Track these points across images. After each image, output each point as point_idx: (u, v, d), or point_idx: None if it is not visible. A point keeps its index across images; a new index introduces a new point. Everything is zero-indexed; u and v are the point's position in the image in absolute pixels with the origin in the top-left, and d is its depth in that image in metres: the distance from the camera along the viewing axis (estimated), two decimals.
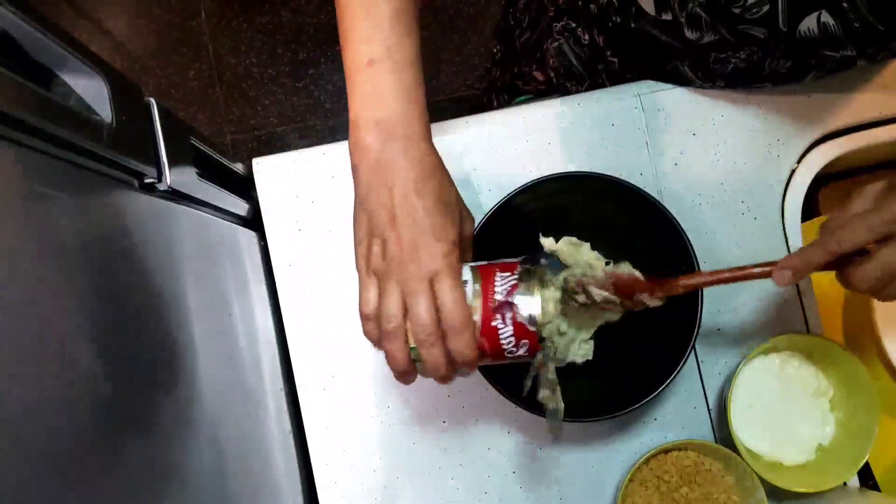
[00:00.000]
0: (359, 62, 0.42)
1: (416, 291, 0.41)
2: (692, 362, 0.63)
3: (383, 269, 0.42)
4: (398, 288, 0.41)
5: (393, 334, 0.41)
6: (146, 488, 0.38)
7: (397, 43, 0.42)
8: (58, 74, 0.41)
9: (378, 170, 0.42)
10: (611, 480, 0.62)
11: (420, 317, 0.40)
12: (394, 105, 0.42)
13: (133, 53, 1.58)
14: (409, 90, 0.42)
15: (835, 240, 0.42)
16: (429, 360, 0.41)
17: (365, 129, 0.42)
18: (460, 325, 0.40)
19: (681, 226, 0.55)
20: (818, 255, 0.43)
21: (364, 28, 0.42)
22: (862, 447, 0.57)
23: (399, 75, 0.42)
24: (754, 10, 0.49)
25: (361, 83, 0.42)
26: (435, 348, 0.41)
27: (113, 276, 0.39)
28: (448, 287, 0.41)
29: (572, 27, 0.68)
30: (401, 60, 0.42)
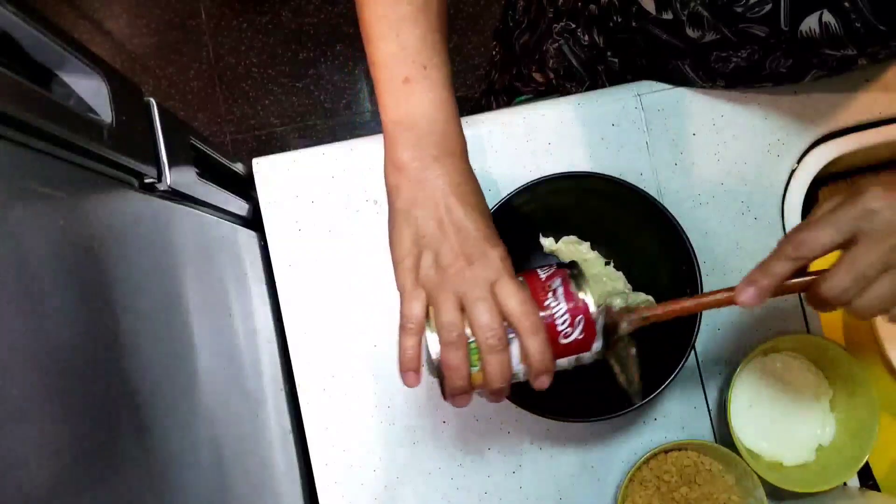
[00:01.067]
0: (394, 81, 0.42)
1: (479, 298, 0.40)
2: (692, 362, 0.63)
3: (437, 281, 0.41)
4: (455, 298, 0.40)
5: (455, 344, 0.40)
6: (146, 488, 0.38)
7: (430, 62, 0.42)
8: (58, 74, 0.41)
9: (420, 185, 0.42)
10: (611, 480, 0.62)
11: (487, 321, 0.40)
12: (431, 123, 0.42)
13: (133, 53, 1.58)
14: (447, 107, 0.43)
15: (794, 243, 0.40)
16: (494, 368, 0.40)
17: (403, 147, 0.42)
18: (532, 325, 0.40)
19: (681, 226, 0.55)
20: (780, 265, 0.40)
21: (395, 48, 0.42)
22: (862, 447, 0.57)
23: (436, 92, 0.42)
24: (756, 9, 0.49)
25: (396, 102, 0.43)
26: (504, 354, 0.40)
27: (113, 276, 0.39)
28: (513, 291, 0.40)
29: (572, 28, 0.68)
30: (436, 79, 0.43)
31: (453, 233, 0.41)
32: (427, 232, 0.41)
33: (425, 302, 0.41)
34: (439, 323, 0.41)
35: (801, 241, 0.40)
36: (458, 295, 0.40)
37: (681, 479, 0.59)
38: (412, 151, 0.42)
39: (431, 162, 0.42)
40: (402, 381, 0.42)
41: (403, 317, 0.42)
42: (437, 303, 0.41)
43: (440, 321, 0.40)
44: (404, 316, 0.42)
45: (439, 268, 0.41)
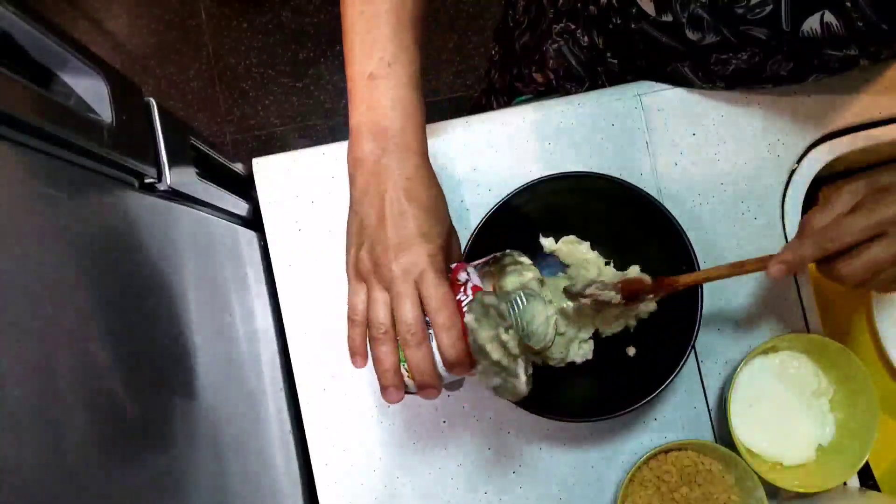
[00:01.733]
0: (360, 75, 0.44)
1: (401, 293, 0.41)
2: (692, 362, 0.63)
3: (370, 272, 0.43)
4: (385, 292, 0.42)
5: (381, 340, 0.42)
6: (146, 488, 0.38)
7: (396, 59, 0.44)
8: (58, 74, 0.41)
9: (372, 177, 0.43)
10: (611, 480, 0.62)
11: (405, 316, 0.41)
12: (391, 118, 0.43)
13: (133, 53, 1.58)
14: (406, 104, 0.44)
15: (828, 238, 0.44)
16: (414, 362, 0.41)
17: (363, 139, 0.44)
18: (446, 320, 0.40)
19: (681, 226, 0.55)
20: (811, 252, 0.45)
21: (365, 43, 0.44)
22: (862, 447, 0.57)
23: (397, 90, 0.44)
24: (757, 11, 0.49)
25: (361, 96, 0.44)
26: (421, 349, 0.41)
27: (113, 276, 0.39)
28: (433, 284, 0.41)
29: (572, 29, 0.68)
30: (399, 76, 0.44)
31: (390, 225, 0.42)
32: (368, 224, 0.43)
33: (365, 292, 0.43)
34: (369, 319, 0.42)
35: (832, 237, 0.44)
36: (386, 287, 0.42)
37: (681, 479, 0.59)
38: (370, 145, 0.43)
39: (386, 155, 0.43)
40: (352, 365, 0.44)
41: (348, 308, 0.44)
42: (369, 297, 0.43)
43: (370, 318, 0.42)
44: (349, 307, 0.44)
45: (372, 261, 0.42)
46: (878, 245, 0.42)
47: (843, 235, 0.43)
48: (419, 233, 0.42)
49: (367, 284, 0.43)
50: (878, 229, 0.42)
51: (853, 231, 0.43)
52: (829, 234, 0.44)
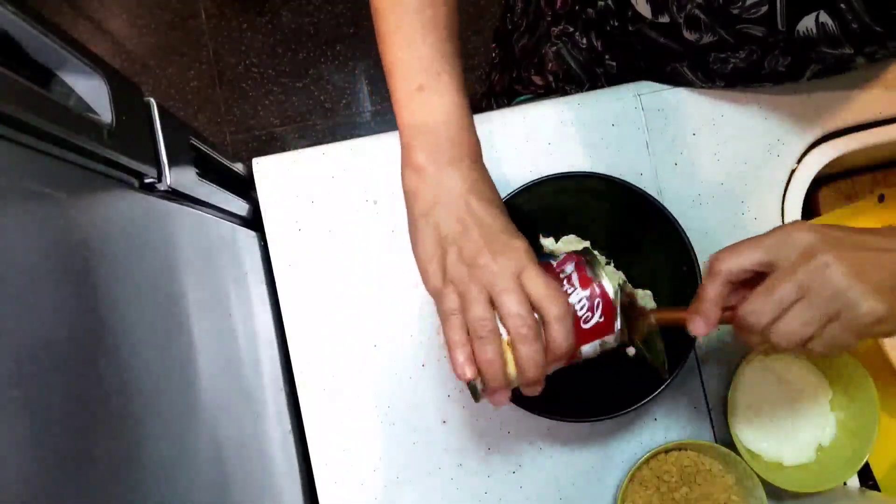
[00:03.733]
0: (408, 89, 0.44)
1: (507, 289, 0.40)
2: (692, 362, 0.63)
3: (464, 276, 0.41)
4: (484, 292, 0.41)
5: (488, 339, 0.40)
6: (146, 488, 0.38)
7: (444, 70, 0.44)
8: (58, 74, 0.41)
9: (438, 187, 0.43)
10: (611, 480, 0.62)
11: (517, 311, 0.40)
12: (446, 129, 0.44)
13: (133, 53, 1.58)
14: (458, 113, 0.44)
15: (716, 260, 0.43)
16: (528, 358, 0.40)
17: (419, 152, 0.43)
18: (560, 311, 0.40)
19: (681, 226, 0.55)
20: (711, 287, 0.43)
21: (409, 57, 0.44)
22: (862, 447, 0.57)
23: (449, 100, 0.44)
24: (753, 11, 0.49)
25: (412, 108, 0.44)
26: (536, 343, 0.40)
27: (113, 277, 0.39)
28: (540, 279, 0.40)
29: (570, 31, 0.68)
30: (449, 85, 0.44)
31: (475, 228, 0.42)
32: (449, 231, 0.42)
33: (458, 297, 0.42)
34: (469, 319, 0.41)
35: (721, 258, 0.43)
36: (486, 288, 0.41)
37: (681, 479, 0.59)
38: (428, 155, 0.43)
39: (447, 164, 0.43)
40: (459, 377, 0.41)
41: (443, 313, 0.42)
42: (466, 298, 0.41)
43: (470, 317, 0.41)
44: (443, 311, 0.42)
45: (465, 263, 0.41)
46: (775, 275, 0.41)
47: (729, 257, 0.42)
48: (506, 230, 0.42)
49: (462, 289, 0.41)
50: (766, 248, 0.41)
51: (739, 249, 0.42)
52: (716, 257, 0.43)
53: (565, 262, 0.44)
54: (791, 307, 0.40)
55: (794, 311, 0.40)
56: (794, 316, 0.40)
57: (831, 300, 0.39)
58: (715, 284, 0.43)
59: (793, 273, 0.40)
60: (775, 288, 0.40)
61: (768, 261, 0.41)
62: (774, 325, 0.41)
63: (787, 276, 0.40)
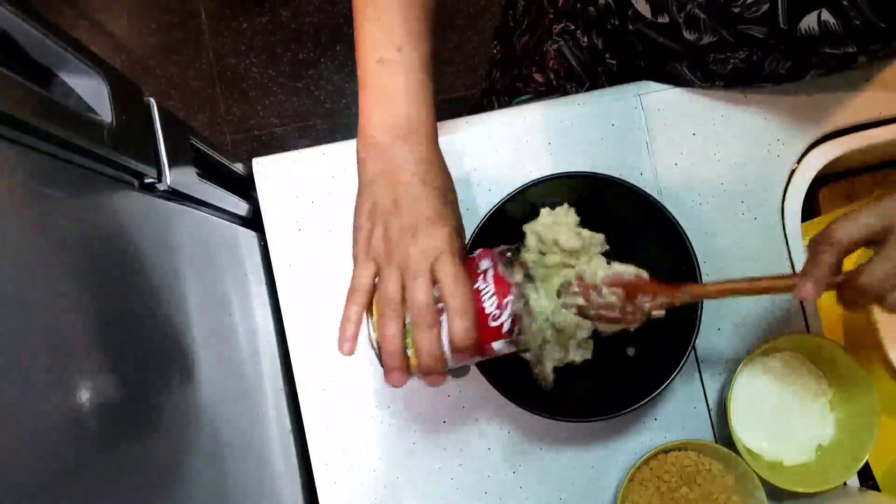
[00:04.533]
0: (369, 61, 0.44)
1: (416, 273, 0.41)
2: (692, 362, 0.63)
3: (384, 253, 0.42)
4: (398, 272, 0.41)
5: (390, 318, 0.41)
6: (146, 488, 0.38)
7: (406, 45, 0.44)
8: (58, 74, 0.41)
9: (385, 161, 0.43)
10: (611, 480, 0.62)
11: (417, 296, 0.40)
12: (402, 103, 0.43)
13: (133, 53, 1.58)
14: (416, 90, 0.44)
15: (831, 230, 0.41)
16: (422, 345, 0.41)
17: (374, 125, 0.44)
18: (460, 305, 0.40)
19: (681, 226, 0.55)
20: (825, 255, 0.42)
21: (376, 29, 0.44)
22: (862, 447, 0.57)
23: (407, 75, 0.44)
24: (754, 9, 0.49)
25: (372, 80, 0.44)
26: (431, 331, 0.40)
27: (113, 276, 0.39)
28: (449, 269, 0.41)
29: (571, 29, 0.68)
30: (409, 61, 0.44)
31: (406, 207, 0.42)
32: (382, 206, 0.42)
33: (374, 273, 0.42)
34: (380, 295, 0.41)
35: (836, 228, 0.41)
36: (401, 269, 0.41)
37: (681, 479, 0.59)
38: (381, 129, 0.43)
39: (397, 139, 0.43)
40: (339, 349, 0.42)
41: (351, 285, 0.43)
42: (381, 276, 0.42)
43: (380, 294, 0.41)
44: (353, 283, 0.42)
45: (387, 241, 0.42)
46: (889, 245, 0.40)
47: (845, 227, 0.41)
48: (436, 214, 0.42)
49: (379, 265, 0.42)
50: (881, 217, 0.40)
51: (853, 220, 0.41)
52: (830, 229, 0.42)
53: (482, 257, 0.45)
54: None
55: None
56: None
57: None
58: (829, 253, 0.42)
59: None
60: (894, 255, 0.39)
61: (883, 227, 0.40)
62: (890, 292, 0.40)
63: None
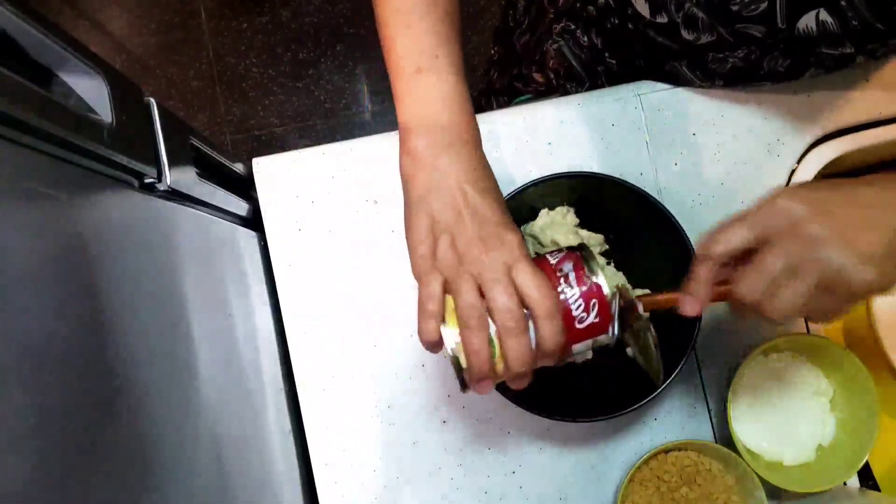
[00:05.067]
0: (406, 71, 0.43)
1: (497, 280, 0.39)
2: (692, 362, 0.63)
3: (454, 265, 0.40)
4: (473, 280, 0.40)
5: (476, 327, 0.39)
6: (146, 488, 0.38)
7: (440, 52, 0.43)
8: (58, 74, 0.41)
9: (434, 172, 0.42)
10: (611, 480, 0.62)
11: (505, 304, 0.39)
12: (444, 112, 0.43)
13: (133, 53, 1.58)
14: (456, 96, 0.43)
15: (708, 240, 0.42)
16: (515, 351, 0.39)
17: (417, 136, 0.43)
18: (549, 309, 0.39)
19: (681, 226, 0.55)
20: (703, 268, 0.42)
21: (406, 39, 0.43)
22: (862, 447, 0.57)
23: (447, 82, 0.43)
24: (752, 8, 0.49)
25: (409, 91, 0.43)
26: (523, 337, 0.39)
27: (113, 276, 0.39)
28: (531, 274, 0.40)
29: (572, 29, 0.68)
30: (446, 68, 0.43)
31: (469, 218, 0.41)
32: (443, 218, 0.41)
33: (443, 284, 0.41)
34: (459, 305, 0.40)
35: (711, 241, 0.42)
36: (476, 278, 0.40)
37: (681, 479, 0.59)
38: (426, 140, 0.42)
39: (444, 149, 0.42)
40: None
41: (422, 300, 0.41)
42: (455, 286, 0.40)
43: (460, 304, 0.40)
44: (422, 299, 0.41)
45: (456, 252, 0.41)
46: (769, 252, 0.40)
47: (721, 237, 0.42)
48: (500, 222, 0.41)
49: (450, 276, 0.41)
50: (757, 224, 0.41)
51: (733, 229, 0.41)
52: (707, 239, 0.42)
53: (564, 260, 0.44)
54: (783, 282, 0.40)
55: (786, 286, 0.40)
56: (787, 290, 0.40)
57: (822, 273, 0.39)
58: (706, 266, 0.42)
59: (782, 248, 0.40)
60: (766, 264, 0.40)
61: (756, 236, 0.41)
62: (768, 301, 0.40)
63: (778, 252, 0.40)
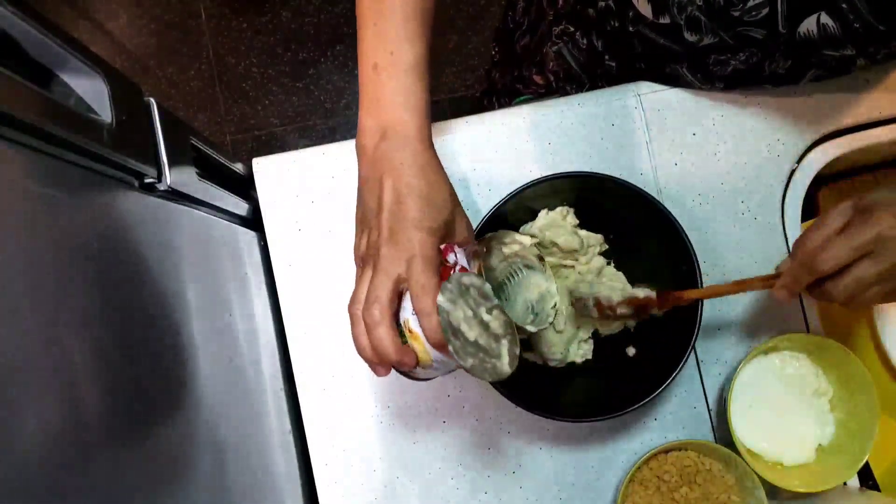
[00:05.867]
0: (367, 66, 0.45)
1: (381, 270, 0.41)
2: (692, 362, 0.63)
3: (366, 258, 0.43)
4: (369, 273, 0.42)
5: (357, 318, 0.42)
6: (147, 488, 0.38)
7: (399, 49, 0.44)
8: (58, 74, 0.41)
9: (373, 166, 0.44)
10: (611, 480, 0.62)
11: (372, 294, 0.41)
12: (391, 108, 0.44)
13: (133, 53, 1.58)
14: (407, 93, 0.44)
15: (820, 261, 0.46)
16: (373, 342, 0.41)
17: (366, 128, 0.45)
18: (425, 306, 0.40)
19: (681, 226, 0.55)
20: (805, 277, 0.47)
21: (373, 35, 0.45)
22: (862, 447, 0.57)
23: (399, 80, 0.44)
24: (753, 13, 0.49)
25: (367, 86, 0.45)
26: (377, 330, 0.41)
27: (113, 276, 0.39)
28: (417, 270, 0.41)
29: (571, 31, 0.68)
30: (401, 66, 0.44)
31: (386, 214, 0.42)
32: (369, 211, 0.44)
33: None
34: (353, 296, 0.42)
35: (822, 261, 0.45)
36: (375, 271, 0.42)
37: (681, 479, 0.59)
38: (371, 134, 0.44)
39: (385, 144, 0.44)
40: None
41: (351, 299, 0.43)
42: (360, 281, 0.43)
43: (354, 294, 0.42)
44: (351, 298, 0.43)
45: (369, 246, 0.43)
46: (863, 264, 0.44)
47: (831, 259, 0.45)
48: (413, 220, 0.42)
49: (364, 270, 0.43)
50: (864, 249, 0.44)
51: (840, 255, 0.45)
52: (820, 257, 0.45)
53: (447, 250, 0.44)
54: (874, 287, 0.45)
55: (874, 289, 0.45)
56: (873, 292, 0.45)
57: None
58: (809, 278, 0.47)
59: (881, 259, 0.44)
60: (866, 275, 0.44)
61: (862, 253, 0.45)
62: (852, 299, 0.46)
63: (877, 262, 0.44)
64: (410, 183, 0.43)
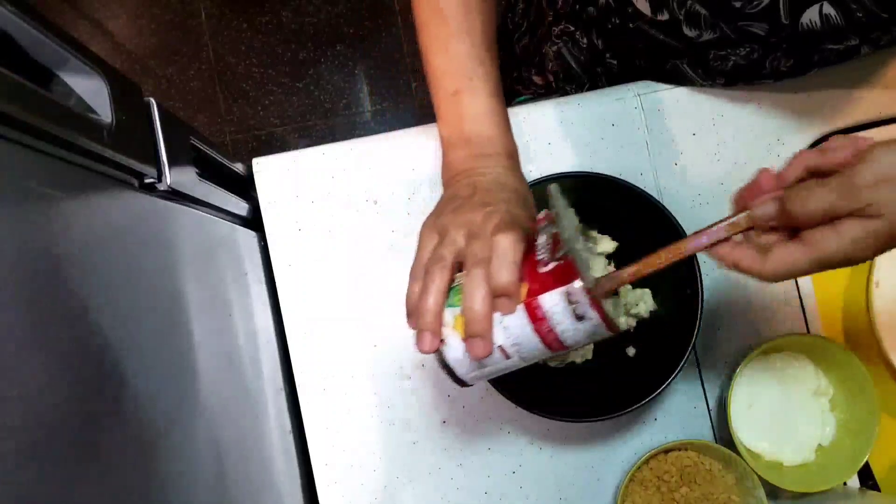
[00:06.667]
0: (445, 93, 0.47)
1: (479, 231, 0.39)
2: (692, 362, 0.63)
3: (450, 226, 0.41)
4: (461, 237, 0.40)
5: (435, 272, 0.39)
6: (147, 489, 0.38)
7: (475, 73, 0.47)
8: (58, 74, 0.41)
9: (464, 175, 0.46)
10: (611, 480, 0.62)
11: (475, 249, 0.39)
12: (477, 128, 0.47)
13: (133, 53, 1.58)
14: (490, 113, 0.47)
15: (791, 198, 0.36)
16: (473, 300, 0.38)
17: (455, 150, 0.47)
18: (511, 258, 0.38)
19: (681, 226, 0.55)
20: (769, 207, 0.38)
21: (446, 62, 0.48)
22: (862, 447, 0.57)
23: (481, 102, 0.47)
24: (755, 3, 0.48)
25: (448, 110, 0.48)
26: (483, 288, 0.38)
27: (113, 276, 0.39)
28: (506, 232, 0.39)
29: (571, 31, 0.68)
30: (481, 89, 0.47)
31: (481, 195, 0.43)
32: (460, 196, 0.44)
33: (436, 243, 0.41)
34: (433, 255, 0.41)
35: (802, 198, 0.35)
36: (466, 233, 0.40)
37: (681, 479, 0.59)
38: (461, 153, 0.46)
39: (478, 160, 0.46)
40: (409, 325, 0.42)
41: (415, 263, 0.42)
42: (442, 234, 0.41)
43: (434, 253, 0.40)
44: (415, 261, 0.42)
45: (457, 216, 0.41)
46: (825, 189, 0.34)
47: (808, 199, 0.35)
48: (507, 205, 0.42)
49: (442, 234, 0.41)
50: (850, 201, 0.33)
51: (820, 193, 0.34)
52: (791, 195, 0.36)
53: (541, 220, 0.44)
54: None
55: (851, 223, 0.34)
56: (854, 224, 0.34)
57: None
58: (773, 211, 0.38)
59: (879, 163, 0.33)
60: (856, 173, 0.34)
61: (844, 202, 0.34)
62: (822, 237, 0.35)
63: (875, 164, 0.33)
64: (506, 182, 0.45)
